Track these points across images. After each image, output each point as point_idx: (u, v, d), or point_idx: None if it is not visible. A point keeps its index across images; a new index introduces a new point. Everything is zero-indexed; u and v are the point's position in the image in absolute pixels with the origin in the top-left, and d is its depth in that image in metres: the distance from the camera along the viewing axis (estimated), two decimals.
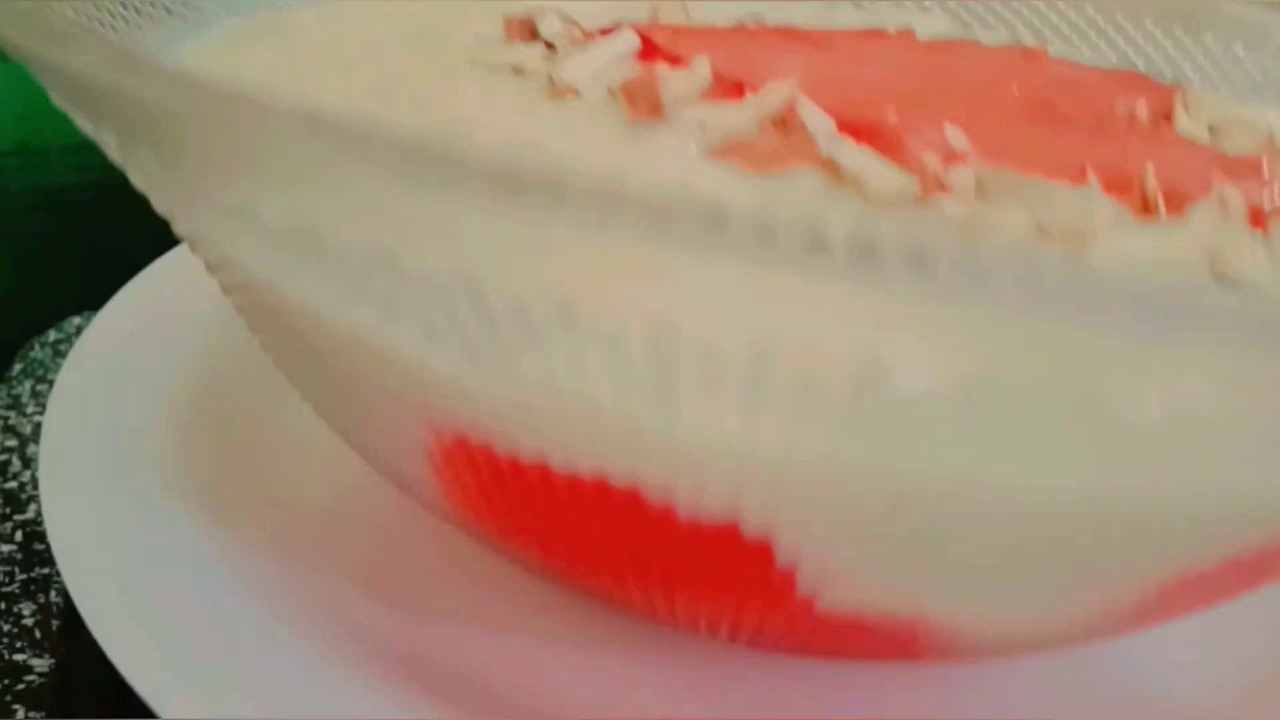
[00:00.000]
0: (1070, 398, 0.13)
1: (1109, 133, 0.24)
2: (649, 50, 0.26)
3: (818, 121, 0.22)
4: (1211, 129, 0.27)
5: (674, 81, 0.23)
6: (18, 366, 0.38)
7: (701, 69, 0.24)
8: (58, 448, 0.26)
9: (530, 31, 0.27)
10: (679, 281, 0.12)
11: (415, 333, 0.14)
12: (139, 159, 0.17)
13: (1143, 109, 0.26)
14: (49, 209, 0.47)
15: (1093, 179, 0.20)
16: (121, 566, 0.23)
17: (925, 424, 0.13)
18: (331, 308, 0.15)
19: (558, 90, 0.24)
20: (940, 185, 0.21)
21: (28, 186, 0.46)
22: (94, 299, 0.38)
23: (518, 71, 0.26)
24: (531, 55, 0.26)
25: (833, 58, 0.27)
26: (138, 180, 0.18)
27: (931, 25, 0.38)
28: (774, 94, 0.22)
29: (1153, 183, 0.19)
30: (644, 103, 0.23)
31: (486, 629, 0.23)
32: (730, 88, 0.24)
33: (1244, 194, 0.21)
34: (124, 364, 0.29)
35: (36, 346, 0.39)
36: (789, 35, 0.30)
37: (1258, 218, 0.20)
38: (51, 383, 0.37)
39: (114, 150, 0.16)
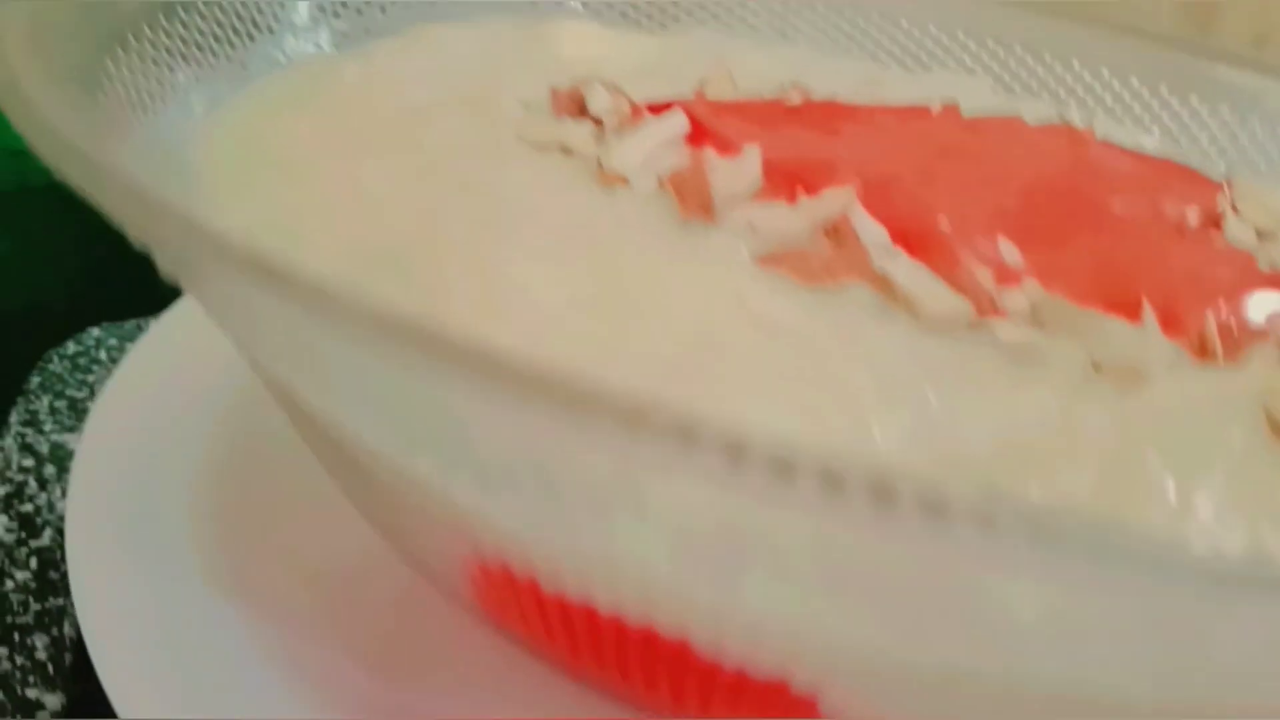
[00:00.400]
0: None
1: (1161, 243, 0.23)
2: (698, 133, 0.26)
3: (871, 232, 0.21)
4: (1260, 233, 0.27)
5: (724, 176, 0.23)
6: (35, 380, 0.37)
7: (752, 162, 0.24)
8: (84, 506, 0.26)
9: (579, 106, 0.27)
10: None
11: (476, 487, 0.14)
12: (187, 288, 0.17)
13: (1193, 215, 0.26)
14: (67, 211, 0.47)
15: (1149, 313, 0.20)
16: (141, 625, 0.23)
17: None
18: (391, 450, 0.14)
19: (607, 177, 0.24)
20: (994, 308, 0.20)
21: (48, 184, 0.46)
22: (114, 310, 0.37)
23: (565, 151, 0.25)
24: (580, 134, 0.25)
25: (880, 147, 0.26)
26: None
27: (978, 95, 0.38)
28: (829, 201, 0.22)
29: (1211, 322, 0.19)
30: (694, 198, 0.23)
31: (501, 707, 0.23)
32: (781, 185, 0.23)
33: None
34: (152, 414, 0.29)
35: (55, 359, 0.38)
36: (835, 113, 0.29)
37: None
38: (70, 399, 0.37)
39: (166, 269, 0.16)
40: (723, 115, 0.27)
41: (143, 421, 0.29)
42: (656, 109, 0.27)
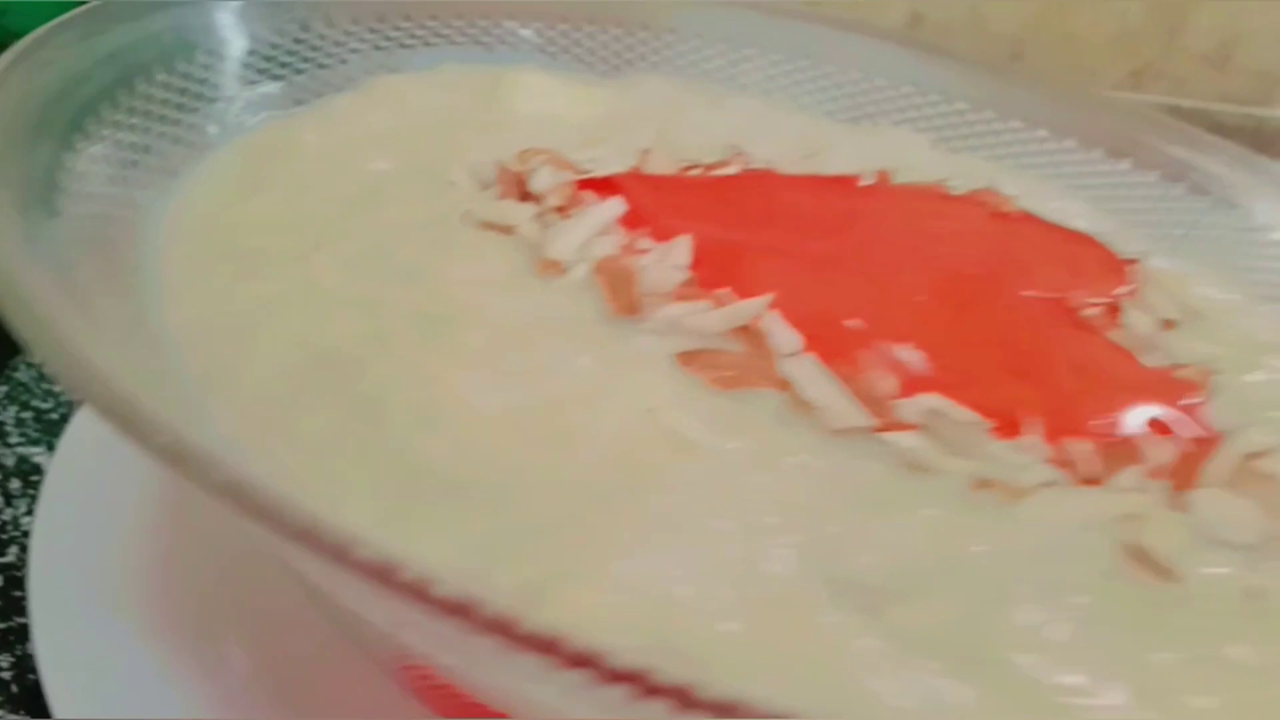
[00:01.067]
0: None
1: (1058, 350, 0.25)
2: (634, 218, 0.27)
3: (782, 337, 0.23)
4: (1163, 322, 0.29)
5: (652, 270, 0.25)
6: (1, 390, 0.38)
7: (680, 252, 0.26)
8: (50, 531, 0.27)
9: (522, 187, 0.28)
10: None
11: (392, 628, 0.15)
12: None
13: (1095, 307, 0.28)
14: None
15: (1036, 430, 0.22)
16: (92, 661, 0.25)
17: None
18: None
19: (545, 266, 0.25)
20: (893, 418, 0.22)
21: None
22: None
23: (506, 231, 0.27)
24: (522, 215, 0.27)
25: (803, 233, 0.28)
26: None
27: (916, 150, 0.40)
28: (745, 307, 0.23)
29: (1085, 447, 0.21)
30: (622, 294, 0.24)
31: None
32: (706, 279, 0.25)
33: (1173, 443, 0.23)
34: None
35: (21, 368, 0.39)
36: (768, 187, 0.31)
37: (1183, 472, 0.22)
38: (36, 411, 0.38)
39: None
40: (658, 197, 0.28)
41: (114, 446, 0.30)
42: (598, 185, 0.29)
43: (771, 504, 0.19)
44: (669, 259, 0.26)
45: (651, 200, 0.28)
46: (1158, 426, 0.23)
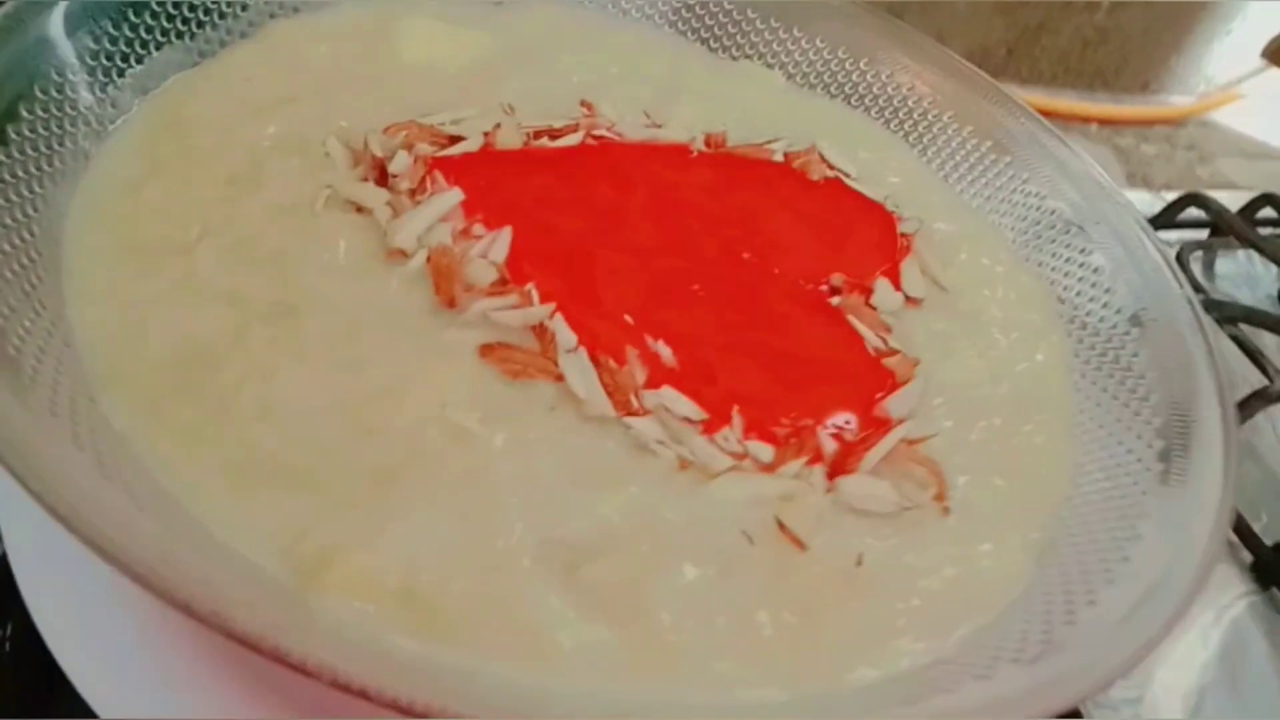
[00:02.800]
0: None
1: (791, 339, 0.32)
2: (471, 205, 0.33)
3: (564, 337, 0.30)
4: (910, 299, 0.36)
5: (473, 268, 0.31)
6: None
7: (499, 249, 0.32)
8: None
9: (382, 170, 0.34)
10: None
11: None
12: None
13: (848, 286, 0.35)
14: None
15: (737, 420, 0.29)
16: None
17: None
18: None
19: (390, 253, 0.32)
20: (635, 407, 0.29)
21: None
22: None
23: (361, 210, 0.33)
24: (378, 200, 0.33)
25: (611, 223, 0.34)
26: None
27: (770, 88, 0.44)
28: (539, 310, 0.30)
29: (766, 447, 0.29)
30: (446, 285, 0.31)
31: None
32: (518, 274, 0.31)
33: (848, 431, 0.30)
34: None
35: None
36: (602, 163, 0.36)
37: (841, 461, 0.29)
38: None
39: None
40: (492, 186, 0.34)
41: None
42: (447, 166, 0.34)
43: (517, 485, 0.27)
44: (491, 253, 0.32)
45: (485, 191, 0.34)
46: (844, 417, 0.30)
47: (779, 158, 0.40)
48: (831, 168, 0.40)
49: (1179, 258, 0.59)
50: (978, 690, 0.25)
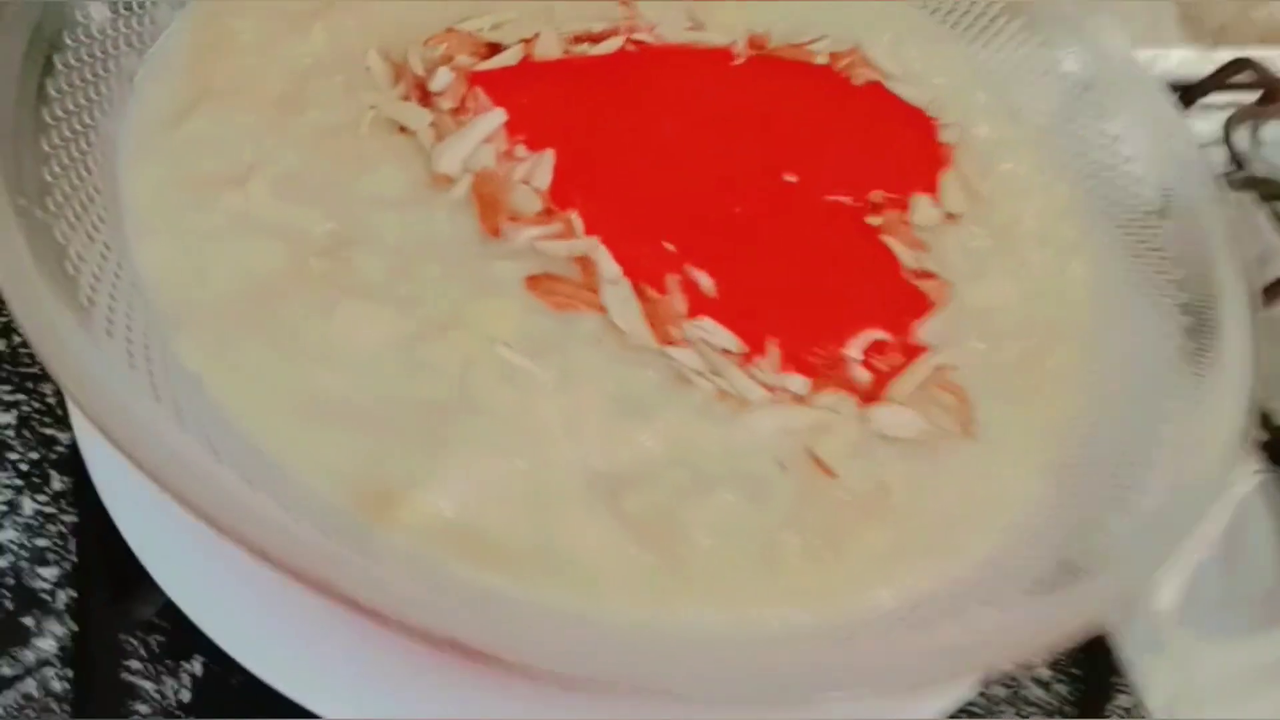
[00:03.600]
0: None
1: (832, 266, 0.33)
2: (514, 125, 0.34)
3: (607, 269, 0.31)
4: (950, 215, 0.36)
5: (517, 196, 0.32)
6: None
7: (543, 174, 0.32)
8: None
9: (423, 88, 0.34)
10: None
11: None
12: None
13: (890, 202, 0.35)
14: None
15: (774, 351, 0.30)
16: None
17: None
18: None
19: (436, 179, 0.32)
20: (676, 338, 0.31)
21: None
22: None
23: (405, 130, 0.33)
24: (421, 121, 0.33)
25: (654, 137, 0.34)
26: None
27: None
28: (584, 243, 0.31)
29: (800, 379, 0.30)
30: (491, 213, 0.32)
31: None
32: (562, 198, 0.32)
33: (880, 360, 0.31)
34: None
35: None
36: (644, 71, 0.36)
37: (873, 390, 0.31)
38: None
39: None
40: (534, 103, 0.34)
41: None
42: (487, 81, 0.34)
43: (564, 420, 0.29)
44: (534, 178, 0.33)
45: (527, 110, 0.34)
46: (875, 346, 0.32)
47: (822, 59, 0.39)
48: (875, 69, 0.40)
49: (1226, 126, 0.58)
50: (988, 617, 0.27)
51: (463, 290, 0.30)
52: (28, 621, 0.35)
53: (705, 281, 0.32)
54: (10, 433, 0.38)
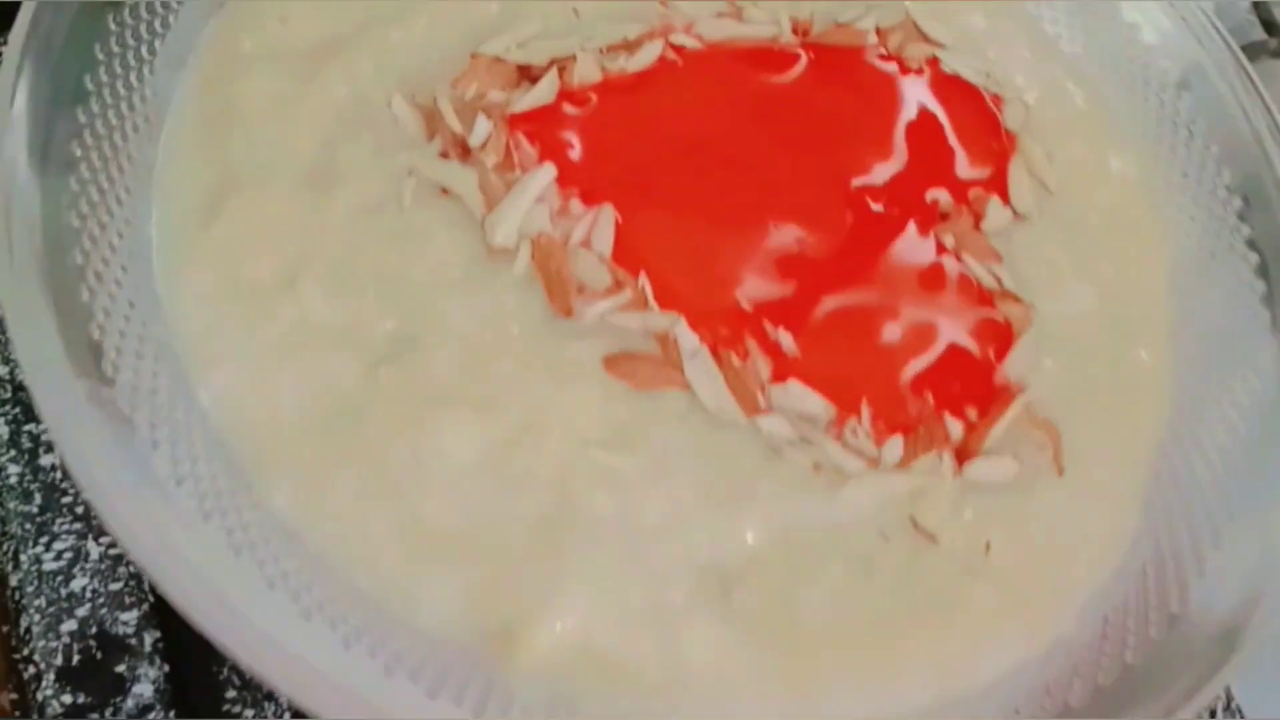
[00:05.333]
0: None
1: (910, 299, 0.32)
2: (564, 177, 0.31)
3: (687, 342, 0.30)
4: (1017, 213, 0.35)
5: (582, 265, 0.30)
6: None
7: (604, 238, 0.30)
8: None
9: (461, 145, 0.31)
10: None
11: None
12: None
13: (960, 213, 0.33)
14: None
15: (866, 413, 0.30)
16: None
17: None
18: None
19: (492, 252, 0.30)
20: (763, 405, 0.30)
21: None
22: None
23: (446, 192, 0.31)
24: (467, 184, 0.31)
25: (712, 166, 0.32)
26: None
27: None
28: (662, 318, 0.30)
29: (897, 443, 0.29)
30: (560, 295, 0.30)
31: None
32: (628, 261, 0.30)
33: (971, 410, 0.31)
34: None
35: None
36: (682, 94, 0.34)
37: (967, 445, 0.30)
38: None
39: None
40: (583, 154, 0.32)
41: None
42: (528, 124, 0.32)
43: (663, 516, 0.28)
44: (594, 239, 0.31)
45: (575, 158, 0.31)
46: (965, 391, 0.31)
47: (872, 38, 0.36)
48: (930, 41, 0.37)
49: None
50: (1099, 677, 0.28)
51: (542, 381, 0.29)
52: (121, 669, 0.36)
53: (787, 341, 0.31)
54: (58, 474, 0.38)
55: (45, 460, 0.33)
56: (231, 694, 0.35)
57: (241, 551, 0.25)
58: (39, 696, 0.31)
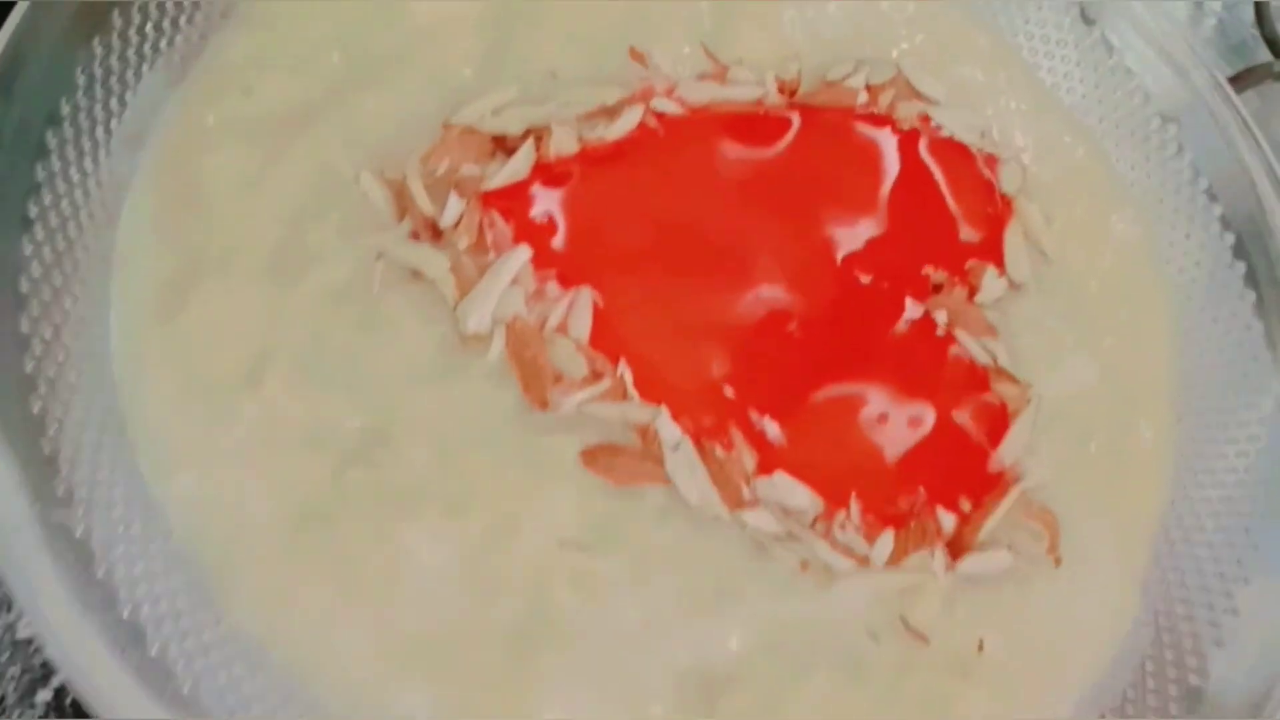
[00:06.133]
0: None
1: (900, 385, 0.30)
2: (540, 258, 0.30)
3: (668, 434, 0.28)
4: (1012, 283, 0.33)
5: (558, 354, 0.29)
6: None
7: (581, 323, 0.29)
8: None
9: (432, 227, 0.30)
10: None
11: None
12: None
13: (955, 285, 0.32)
14: None
15: (855, 506, 0.29)
16: None
17: None
18: None
19: (466, 340, 0.29)
20: (748, 499, 0.29)
21: None
22: None
23: (417, 275, 0.30)
24: (439, 267, 0.30)
25: (696, 249, 0.31)
26: None
27: None
28: (644, 410, 0.29)
29: (887, 539, 0.28)
30: (535, 387, 0.29)
31: None
32: (605, 346, 0.29)
33: (965, 500, 0.29)
34: None
35: None
36: (676, 156, 0.32)
37: (960, 538, 0.29)
38: None
39: None
40: (558, 226, 0.30)
41: None
42: (501, 201, 0.31)
43: (643, 621, 0.27)
44: (571, 324, 0.29)
45: (551, 238, 0.30)
46: (958, 482, 0.30)
47: (862, 97, 0.35)
48: (921, 98, 0.35)
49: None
50: None
51: (517, 478, 0.28)
52: None
53: (773, 430, 0.29)
54: None
55: None
56: None
57: (201, 679, 0.25)
58: None
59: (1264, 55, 0.49)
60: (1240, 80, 0.44)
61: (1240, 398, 0.33)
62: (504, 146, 0.32)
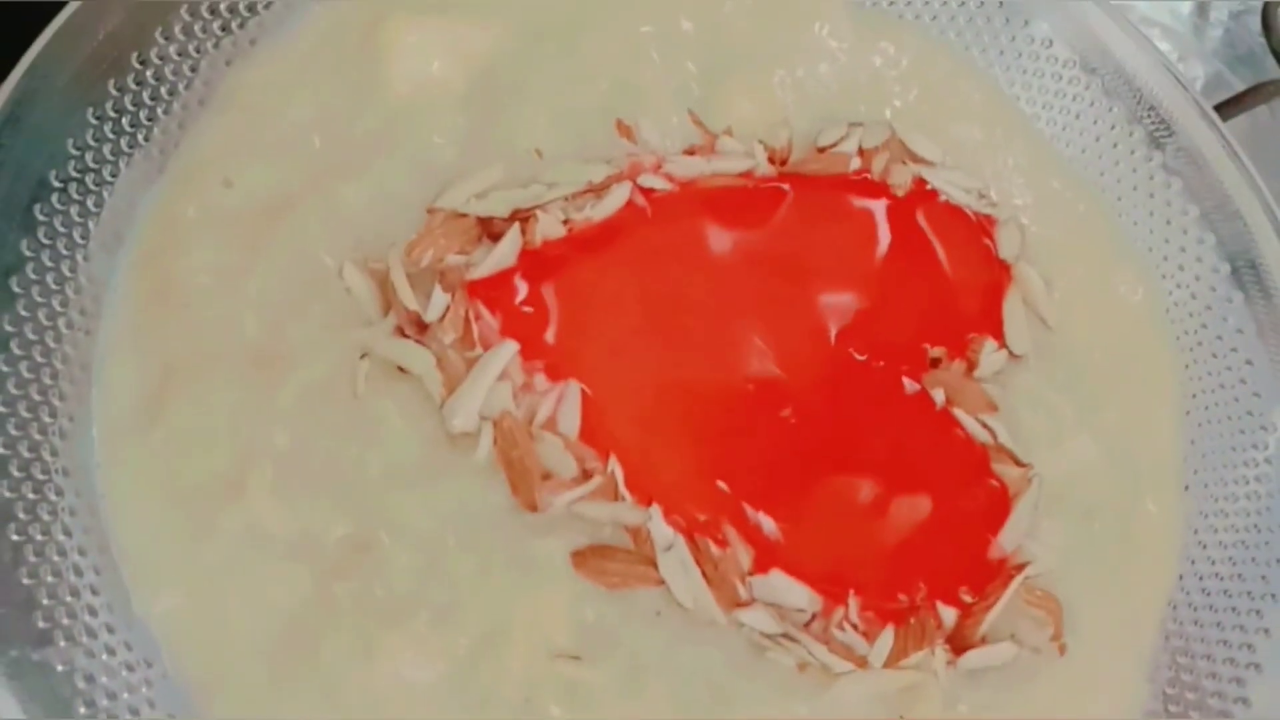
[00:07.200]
0: None
1: (897, 473, 0.30)
2: (528, 351, 0.29)
3: (660, 535, 0.28)
4: (1012, 354, 0.33)
5: (547, 453, 0.28)
6: None
7: (569, 419, 0.29)
8: None
9: (418, 323, 0.29)
10: None
11: None
12: None
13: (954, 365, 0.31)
14: None
15: (854, 604, 0.28)
16: None
17: None
18: None
19: (454, 439, 0.28)
20: (744, 599, 0.28)
21: None
22: None
23: (403, 371, 0.29)
24: (424, 364, 0.29)
25: (684, 338, 0.30)
26: None
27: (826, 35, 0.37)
28: (636, 512, 0.28)
29: (887, 637, 0.28)
30: (525, 488, 0.28)
31: None
32: (593, 442, 0.29)
33: (966, 592, 0.29)
34: None
35: None
36: (668, 245, 0.31)
37: (961, 632, 0.29)
38: None
39: None
40: (545, 318, 0.30)
41: None
42: (485, 292, 0.30)
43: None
44: (560, 420, 0.29)
45: (539, 331, 0.29)
46: (959, 573, 0.29)
47: (855, 163, 0.34)
48: (916, 159, 0.34)
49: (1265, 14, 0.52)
50: None
51: (505, 584, 0.27)
52: None
53: (769, 525, 0.29)
54: None
55: None
56: None
57: None
58: None
59: (1271, 65, 0.48)
60: (1250, 96, 0.43)
61: (1247, 436, 0.33)
62: (490, 230, 0.31)
